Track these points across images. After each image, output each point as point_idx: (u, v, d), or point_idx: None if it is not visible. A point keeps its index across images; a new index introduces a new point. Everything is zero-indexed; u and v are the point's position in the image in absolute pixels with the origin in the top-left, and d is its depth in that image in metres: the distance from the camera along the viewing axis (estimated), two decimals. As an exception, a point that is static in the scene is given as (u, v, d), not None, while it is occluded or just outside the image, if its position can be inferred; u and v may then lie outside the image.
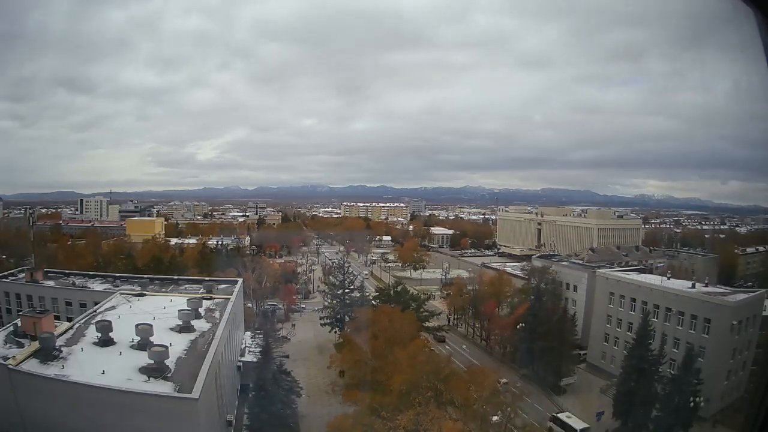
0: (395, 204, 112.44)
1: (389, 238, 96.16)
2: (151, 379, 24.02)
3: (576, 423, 37.51)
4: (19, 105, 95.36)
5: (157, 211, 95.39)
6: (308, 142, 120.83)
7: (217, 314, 35.98)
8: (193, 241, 77.31)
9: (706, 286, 46.35)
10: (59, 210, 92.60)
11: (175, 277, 51.45)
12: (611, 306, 49.64)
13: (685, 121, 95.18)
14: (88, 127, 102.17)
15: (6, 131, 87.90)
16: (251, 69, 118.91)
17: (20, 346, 26.81)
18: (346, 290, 54.28)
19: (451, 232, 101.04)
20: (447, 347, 52.95)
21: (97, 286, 47.41)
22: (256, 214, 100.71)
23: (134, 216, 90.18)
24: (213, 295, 41.17)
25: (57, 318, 34.84)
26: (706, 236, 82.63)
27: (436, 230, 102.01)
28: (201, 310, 35.58)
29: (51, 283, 46.87)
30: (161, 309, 34.52)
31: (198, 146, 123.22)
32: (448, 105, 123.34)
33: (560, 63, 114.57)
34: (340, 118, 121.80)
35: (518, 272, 68.21)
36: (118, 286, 45.78)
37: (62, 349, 26.49)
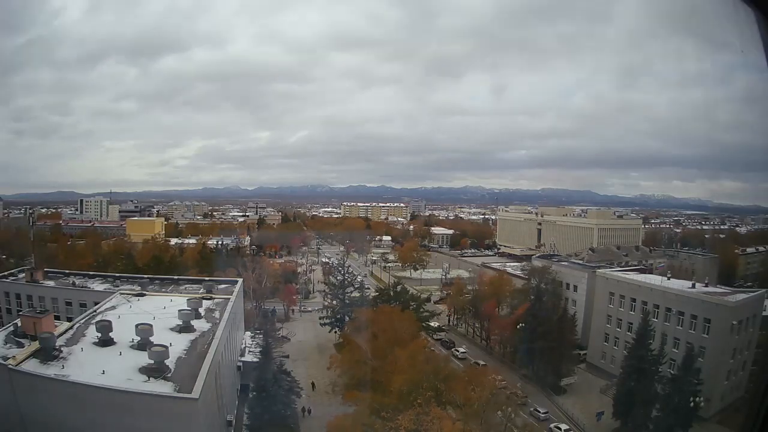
0: (395, 204, 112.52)
1: (389, 238, 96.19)
2: (151, 379, 23.96)
3: None
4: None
5: (157, 211, 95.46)
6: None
7: (217, 314, 35.93)
8: (193, 241, 77.40)
9: (706, 286, 46.37)
10: (59, 210, 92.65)
11: (175, 277, 51.39)
12: (611, 306, 49.63)
13: (684, 120, 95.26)
14: (88, 127, 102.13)
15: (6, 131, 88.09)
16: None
17: (20, 346, 26.76)
18: (346, 290, 54.30)
19: (451, 232, 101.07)
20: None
21: (97, 286, 47.39)
22: (256, 214, 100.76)
23: (134, 216, 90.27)
24: (213, 295, 41.13)
25: (57, 318, 34.81)
26: (706, 236, 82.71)
27: (436, 230, 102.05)
28: (201, 310, 35.53)
29: (51, 283, 46.84)
30: (161, 309, 34.46)
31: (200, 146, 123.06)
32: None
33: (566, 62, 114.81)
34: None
35: (518, 272, 68.21)
36: (118, 286, 45.72)
37: (62, 349, 26.43)
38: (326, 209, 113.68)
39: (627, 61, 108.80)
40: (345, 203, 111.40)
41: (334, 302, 54.51)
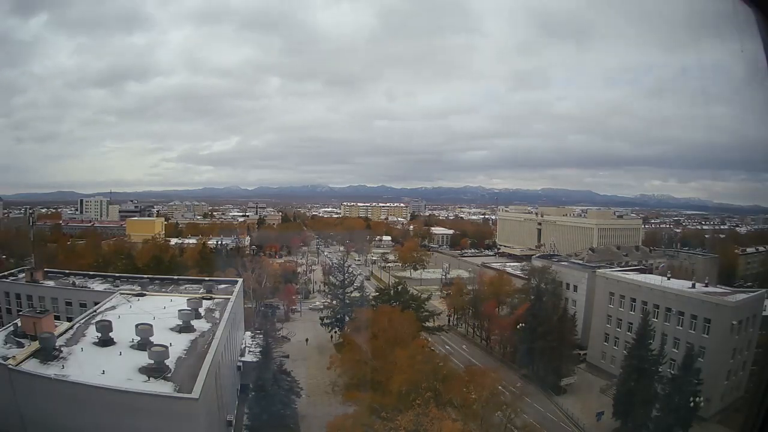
0: (395, 204, 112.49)
1: (389, 238, 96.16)
2: (151, 379, 23.96)
3: None
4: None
5: (157, 211, 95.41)
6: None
7: (217, 314, 35.94)
8: (193, 241, 77.33)
9: (706, 286, 46.35)
10: (59, 210, 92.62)
11: (175, 277, 51.39)
12: (611, 306, 49.63)
13: (684, 120, 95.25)
14: (89, 126, 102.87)
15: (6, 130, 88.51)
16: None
17: (20, 346, 26.76)
18: (346, 290, 54.29)
19: (451, 232, 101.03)
20: (447, 347, 52.62)
21: (97, 286, 47.38)
22: (256, 214, 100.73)
23: (134, 216, 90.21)
24: (213, 295, 41.13)
25: (57, 318, 34.82)
26: (706, 236, 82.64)
27: (436, 230, 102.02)
28: (201, 310, 35.53)
29: (51, 283, 46.85)
30: (161, 309, 34.48)
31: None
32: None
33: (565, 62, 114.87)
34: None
35: (518, 272, 68.25)
36: (118, 286, 45.72)
37: (62, 349, 26.43)
38: (326, 209, 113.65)
39: (627, 61, 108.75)
40: (345, 203, 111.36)
41: (334, 302, 54.51)
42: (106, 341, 27.75)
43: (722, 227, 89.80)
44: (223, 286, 46.42)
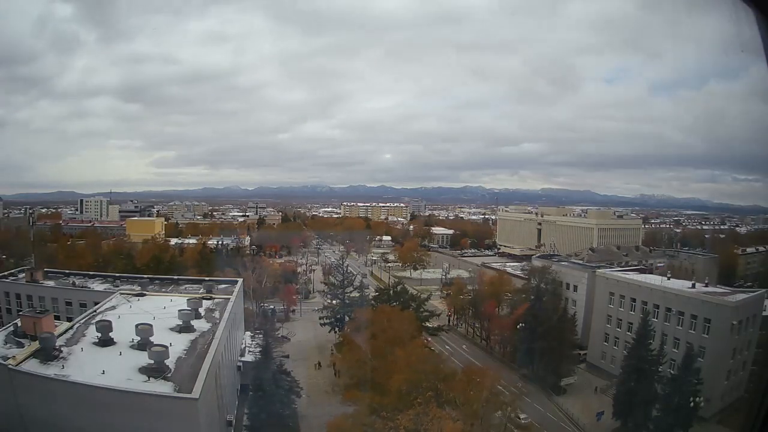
0: (395, 204, 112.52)
1: (389, 238, 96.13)
2: (151, 379, 23.96)
3: None
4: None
5: (157, 211, 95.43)
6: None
7: (217, 314, 35.95)
8: (193, 241, 77.29)
9: (706, 286, 46.36)
10: (59, 210, 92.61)
11: (175, 277, 51.35)
12: (611, 306, 49.63)
13: (684, 120, 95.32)
14: (90, 126, 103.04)
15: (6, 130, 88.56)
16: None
17: (20, 346, 26.76)
18: (346, 290, 54.29)
19: (451, 232, 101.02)
20: (447, 347, 52.53)
21: (97, 286, 47.35)
22: (256, 214, 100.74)
23: (134, 216, 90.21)
24: (213, 295, 41.13)
25: (57, 318, 34.83)
26: (706, 236, 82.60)
27: (436, 230, 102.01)
28: (201, 310, 35.53)
29: (51, 283, 46.82)
30: (161, 309, 34.46)
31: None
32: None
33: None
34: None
35: (518, 272, 68.29)
36: (118, 286, 45.70)
37: (62, 349, 26.42)
38: (326, 209, 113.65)
39: (626, 61, 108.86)
40: (345, 203, 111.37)
41: (334, 302, 54.50)
42: (106, 341, 27.75)
43: (722, 227, 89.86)
44: (223, 286, 46.41)
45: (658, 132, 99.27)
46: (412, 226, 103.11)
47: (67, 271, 50.98)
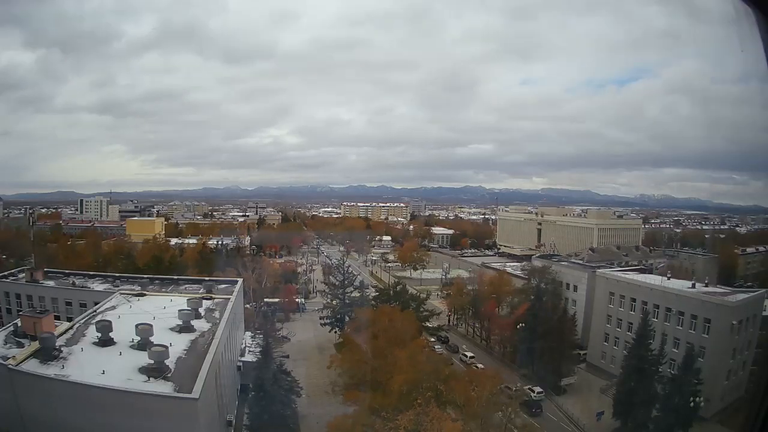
0: (395, 204, 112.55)
1: (389, 238, 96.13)
2: (151, 379, 23.98)
3: None
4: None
5: (157, 211, 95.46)
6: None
7: (217, 314, 35.94)
8: (193, 241, 77.20)
9: (706, 286, 46.36)
10: (59, 210, 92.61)
11: (175, 277, 51.29)
12: (611, 306, 49.62)
13: (684, 120, 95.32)
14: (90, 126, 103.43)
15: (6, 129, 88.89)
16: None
17: (20, 346, 26.75)
18: (346, 290, 54.27)
19: (451, 232, 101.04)
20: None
21: (97, 286, 47.32)
22: (256, 214, 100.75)
23: (134, 216, 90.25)
24: (213, 295, 41.12)
25: (57, 318, 34.77)
26: (706, 236, 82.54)
27: (436, 230, 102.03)
28: (201, 310, 35.53)
29: (51, 283, 46.78)
30: (161, 309, 34.47)
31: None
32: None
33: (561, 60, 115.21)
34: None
35: (518, 272, 68.21)
36: (118, 286, 45.67)
37: (62, 349, 26.44)
38: (326, 209, 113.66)
39: (626, 61, 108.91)
40: (345, 203, 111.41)
41: (334, 302, 54.49)
42: (106, 341, 27.76)
43: (722, 227, 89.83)
44: (223, 286, 46.38)
45: (657, 132, 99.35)
46: (412, 226, 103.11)
47: (67, 271, 50.90)
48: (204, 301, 38.25)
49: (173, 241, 77.95)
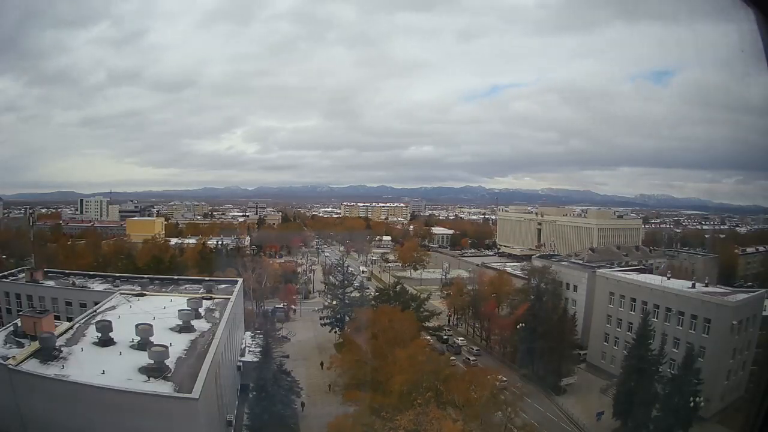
0: (395, 204, 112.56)
1: (389, 238, 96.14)
2: (151, 379, 23.98)
3: None
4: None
5: (157, 211, 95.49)
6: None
7: (217, 314, 35.96)
8: (193, 241, 77.20)
9: (706, 286, 46.34)
10: (59, 210, 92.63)
11: (175, 277, 51.33)
12: (611, 306, 49.61)
13: (684, 120, 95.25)
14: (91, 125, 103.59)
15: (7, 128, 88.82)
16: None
17: (20, 346, 26.76)
18: (346, 290, 54.27)
19: (451, 232, 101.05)
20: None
21: (97, 286, 47.33)
22: (256, 214, 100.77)
23: (134, 216, 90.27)
24: (213, 295, 41.14)
25: (57, 318, 34.79)
26: (706, 236, 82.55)
27: (436, 230, 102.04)
28: (201, 310, 35.54)
29: (51, 283, 46.80)
30: (161, 309, 34.47)
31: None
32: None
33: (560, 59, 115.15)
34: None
35: (518, 272, 68.20)
36: (118, 286, 45.69)
37: (62, 349, 26.45)
38: (326, 209, 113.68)
39: (625, 61, 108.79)
40: (345, 203, 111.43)
41: (334, 302, 54.49)
42: (106, 341, 27.77)
43: (722, 227, 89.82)
44: (223, 286, 46.40)
45: (657, 131, 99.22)
46: (412, 226, 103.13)
47: (67, 271, 50.94)
48: (204, 301, 38.26)
49: (173, 241, 77.94)
